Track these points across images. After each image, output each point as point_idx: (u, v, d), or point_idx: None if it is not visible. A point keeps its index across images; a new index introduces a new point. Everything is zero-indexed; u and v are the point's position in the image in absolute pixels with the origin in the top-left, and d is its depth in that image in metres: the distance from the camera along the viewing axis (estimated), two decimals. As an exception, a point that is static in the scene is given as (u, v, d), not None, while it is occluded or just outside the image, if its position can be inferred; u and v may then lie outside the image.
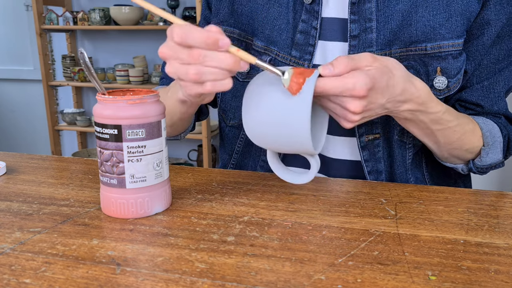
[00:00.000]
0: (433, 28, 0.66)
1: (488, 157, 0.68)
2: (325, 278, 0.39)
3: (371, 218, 0.52)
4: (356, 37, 0.69)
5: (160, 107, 0.52)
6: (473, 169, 0.70)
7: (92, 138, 3.17)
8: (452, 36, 0.66)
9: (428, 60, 0.68)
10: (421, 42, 0.67)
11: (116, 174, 0.50)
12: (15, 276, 0.40)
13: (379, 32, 0.68)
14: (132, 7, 2.62)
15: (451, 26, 0.66)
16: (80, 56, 0.50)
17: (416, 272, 0.40)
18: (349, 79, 0.52)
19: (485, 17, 0.67)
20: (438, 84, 0.68)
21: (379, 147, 0.72)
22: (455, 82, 0.69)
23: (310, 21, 0.71)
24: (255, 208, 0.55)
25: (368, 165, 0.72)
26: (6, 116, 3.37)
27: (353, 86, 0.52)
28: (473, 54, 0.70)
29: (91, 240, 0.46)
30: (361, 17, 0.68)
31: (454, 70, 0.68)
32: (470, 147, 0.68)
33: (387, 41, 0.68)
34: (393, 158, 0.73)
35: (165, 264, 0.41)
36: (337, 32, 0.71)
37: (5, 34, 3.18)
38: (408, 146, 0.72)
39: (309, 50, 0.72)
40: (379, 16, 0.68)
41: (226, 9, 0.77)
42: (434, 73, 0.68)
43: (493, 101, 0.71)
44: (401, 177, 0.73)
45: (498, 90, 0.71)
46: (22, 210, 0.54)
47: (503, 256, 0.43)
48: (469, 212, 0.53)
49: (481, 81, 0.71)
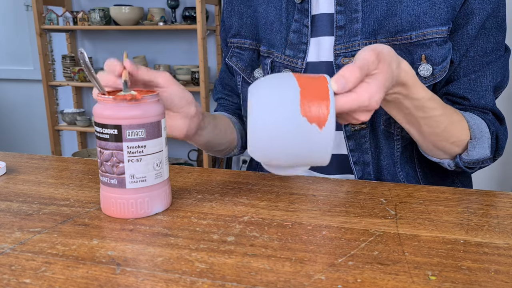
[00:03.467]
0: (417, 17, 0.67)
1: (476, 151, 0.67)
2: (325, 278, 0.39)
3: (371, 218, 0.52)
4: (342, 28, 0.70)
5: (160, 107, 0.52)
6: (460, 164, 0.68)
7: (92, 138, 3.17)
8: (435, 24, 0.67)
9: (413, 48, 0.68)
10: (406, 32, 0.68)
11: (116, 174, 0.50)
12: (15, 276, 0.40)
13: (364, 21, 0.69)
14: (132, 7, 2.62)
15: (435, 14, 0.67)
16: (80, 56, 0.50)
17: (416, 272, 0.40)
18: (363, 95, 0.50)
19: (470, 6, 0.68)
20: (422, 72, 0.69)
21: (366, 137, 0.72)
22: (441, 70, 0.69)
23: (301, 19, 0.73)
24: (255, 208, 0.55)
25: (354, 155, 0.72)
26: (6, 116, 3.37)
27: (368, 102, 0.50)
28: (458, 44, 0.70)
29: (91, 240, 0.46)
30: (347, 8, 0.70)
31: (439, 58, 0.68)
32: (456, 140, 0.66)
33: (372, 30, 0.69)
34: (380, 149, 0.73)
35: (165, 264, 0.41)
36: (327, 27, 0.73)
37: (5, 34, 3.18)
38: (396, 138, 0.72)
39: (303, 48, 0.73)
40: (364, 6, 0.69)
41: (236, 24, 0.82)
42: (418, 61, 0.69)
43: (480, 94, 0.71)
44: (389, 170, 0.73)
45: (486, 83, 0.71)
46: (22, 210, 0.54)
47: (503, 256, 0.43)
48: (469, 212, 0.53)
49: (468, 74, 0.71)
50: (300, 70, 0.73)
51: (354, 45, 0.70)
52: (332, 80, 0.50)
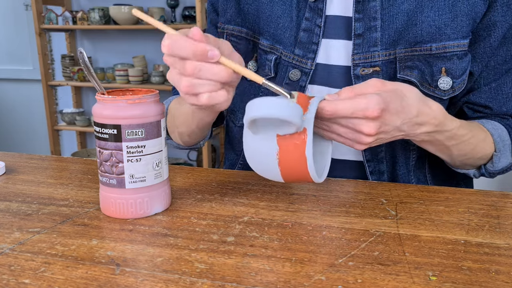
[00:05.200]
0: (438, 28, 0.66)
1: (500, 162, 0.69)
2: (325, 279, 0.39)
3: (372, 219, 0.51)
4: (360, 36, 0.68)
5: (160, 107, 0.52)
6: (485, 174, 0.71)
7: (92, 138, 3.17)
8: (457, 37, 0.66)
9: (433, 60, 0.67)
10: (426, 43, 0.67)
11: (116, 174, 0.50)
12: (14, 276, 0.39)
13: (384, 31, 0.67)
14: (131, 7, 2.62)
15: (457, 27, 0.66)
16: (79, 55, 0.50)
17: (416, 273, 0.40)
18: (361, 99, 0.51)
19: (492, 19, 0.67)
20: (442, 85, 0.68)
21: (382, 147, 0.71)
22: (460, 83, 0.68)
23: (314, 19, 0.71)
24: (255, 208, 0.55)
25: (370, 165, 0.72)
26: (5, 116, 3.37)
27: (365, 106, 0.51)
28: (480, 56, 0.69)
29: (90, 240, 0.46)
30: (365, 16, 0.68)
31: (459, 71, 0.67)
32: (483, 155, 0.68)
33: (392, 40, 0.67)
34: (396, 159, 0.72)
35: (165, 265, 0.41)
36: (341, 30, 0.71)
37: (5, 33, 3.18)
38: (412, 148, 0.72)
39: (313, 48, 0.71)
40: (383, 15, 0.67)
41: (233, 8, 0.77)
42: (438, 74, 0.68)
43: (501, 102, 0.71)
44: (403, 179, 0.73)
45: (506, 91, 0.71)
46: (21, 210, 0.54)
47: (503, 257, 0.43)
48: (469, 212, 0.53)
49: (489, 83, 0.71)
50: (310, 71, 0.71)
51: (373, 56, 0.68)
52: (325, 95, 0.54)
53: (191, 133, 0.72)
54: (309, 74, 0.71)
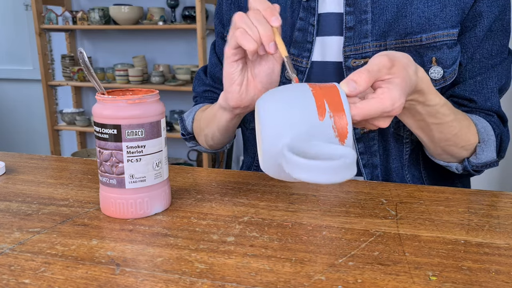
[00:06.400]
0: (427, 19, 0.67)
1: (484, 154, 0.67)
2: (325, 279, 0.39)
3: (372, 219, 0.51)
4: (351, 29, 0.70)
5: (160, 107, 0.52)
6: (468, 168, 0.68)
7: (92, 138, 3.17)
8: (446, 26, 0.67)
9: (424, 50, 0.68)
10: (416, 34, 0.68)
11: (116, 174, 0.50)
12: (14, 276, 0.39)
13: (374, 23, 0.69)
14: (131, 7, 2.62)
15: (446, 16, 0.67)
16: (79, 55, 0.50)
17: (416, 273, 0.40)
18: (386, 101, 0.49)
19: (478, 9, 0.68)
20: (433, 74, 0.69)
21: (375, 140, 0.72)
22: (451, 73, 0.69)
23: (307, 18, 0.72)
24: (255, 208, 0.55)
25: (363, 158, 0.72)
26: (5, 116, 3.37)
27: (391, 107, 0.49)
28: (466, 46, 0.70)
29: (90, 240, 0.46)
30: (356, 9, 0.69)
31: (450, 60, 0.68)
32: (466, 144, 0.66)
33: (382, 32, 0.68)
34: (389, 152, 0.72)
35: (165, 265, 0.41)
36: (334, 26, 0.72)
37: (5, 33, 3.18)
38: (406, 141, 0.72)
39: (307, 47, 0.73)
40: (374, 8, 0.69)
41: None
42: (429, 63, 0.68)
43: (486, 96, 0.71)
44: (397, 173, 0.73)
45: (491, 86, 0.71)
46: (21, 210, 0.54)
47: (503, 256, 0.43)
48: (469, 212, 0.53)
49: (474, 76, 0.71)
50: (305, 69, 0.73)
51: (364, 47, 0.69)
52: (342, 83, 0.49)
53: (213, 136, 0.74)
54: (305, 73, 0.73)
